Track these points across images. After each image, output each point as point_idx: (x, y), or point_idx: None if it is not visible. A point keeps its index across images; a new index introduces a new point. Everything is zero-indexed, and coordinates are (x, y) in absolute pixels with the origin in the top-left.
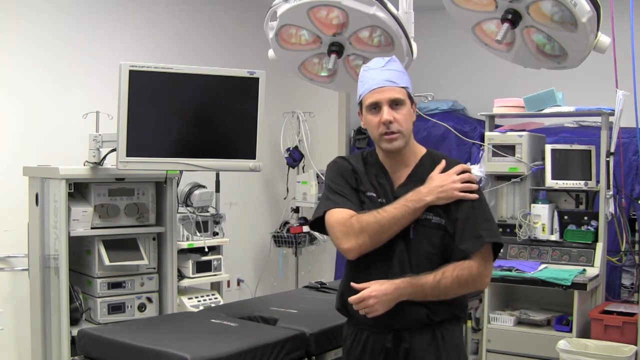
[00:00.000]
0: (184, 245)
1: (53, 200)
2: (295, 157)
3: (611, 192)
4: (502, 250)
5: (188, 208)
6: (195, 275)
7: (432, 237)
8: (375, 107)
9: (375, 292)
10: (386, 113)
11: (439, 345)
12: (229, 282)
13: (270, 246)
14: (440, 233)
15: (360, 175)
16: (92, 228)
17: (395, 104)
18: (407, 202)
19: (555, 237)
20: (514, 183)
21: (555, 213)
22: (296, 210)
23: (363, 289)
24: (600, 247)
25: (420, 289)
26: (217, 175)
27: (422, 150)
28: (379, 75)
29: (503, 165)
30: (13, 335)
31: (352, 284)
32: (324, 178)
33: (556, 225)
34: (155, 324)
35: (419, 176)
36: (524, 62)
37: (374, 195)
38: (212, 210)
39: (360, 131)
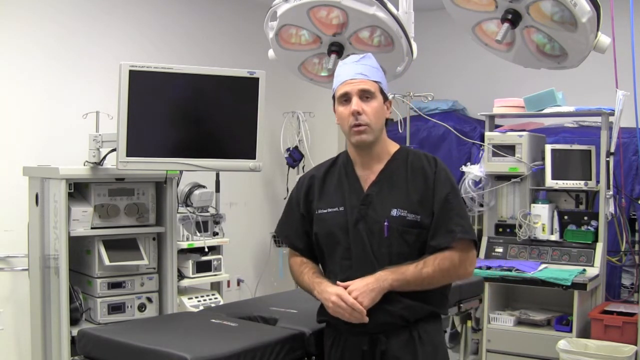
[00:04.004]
0: (184, 245)
1: (53, 200)
2: (295, 157)
3: (611, 192)
4: (502, 250)
5: (188, 208)
6: (195, 275)
7: (406, 236)
8: (346, 98)
9: (355, 287)
10: (355, 104)
11: (415, 346)
12: (229, 282)
13: (270, 246)
14: (416, 231)
15: (315, 191)
16: (92, 228)
17: (365, 96)
18: (319, 289)
19: (555, 237)
20: (514, 183)
21: (555, 213)
22: None
23: (346, 287)
24: (600, 247)
25: (403, 277)
26: (217, 175)
27: (394, 147)
28: (351, 69)
29: (503, 165)
30: (13, 335)
31: (338, 282)
32: None
33: (556, 225)
34: (155, 324)
35: (390, 173)
36: (524, 62)
37: (326, 211)
38: (212, 210)
39: None
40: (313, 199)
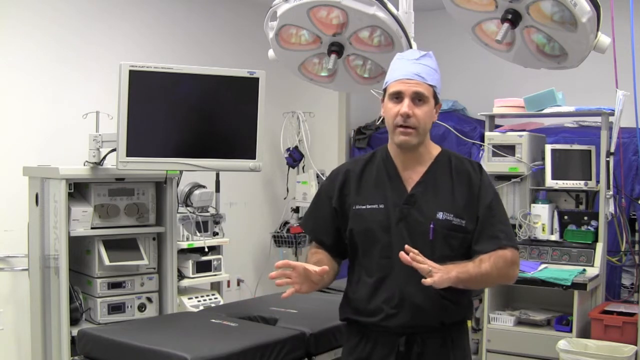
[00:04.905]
0: (184, 245)
1: (53, 200)
2: (295, 157)
3: (611, 192)
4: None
5: (188, 208)
6: (195, 275)
7: (451, 240)
8: (398, 96)
9: (431, 263)
10: (406, 106)
11: (448, 349)
12: (229, 282)
13: (270, 246)
14: (461, 236)
15: (351, 186)
16: (92, 228)
17: (418, 99)
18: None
19: (555, 237)
20: (514, 183)
21: (555, 213)
22: (296, 210)
23: (413, 252)
24: (600, 247)
25: (465, 270)
26: (217, 175)
27: (437, 149)
28: (410, 66)
29: (503, 165)
30: (13, 335)
31: (407, 246)
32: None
33: (556, 225)
34: (155, 324)
35: (434, 175)
36: (524, 62)
37: (364, 207)
38: (212, 210)
39: (360, 131)
40: (349, 193)
